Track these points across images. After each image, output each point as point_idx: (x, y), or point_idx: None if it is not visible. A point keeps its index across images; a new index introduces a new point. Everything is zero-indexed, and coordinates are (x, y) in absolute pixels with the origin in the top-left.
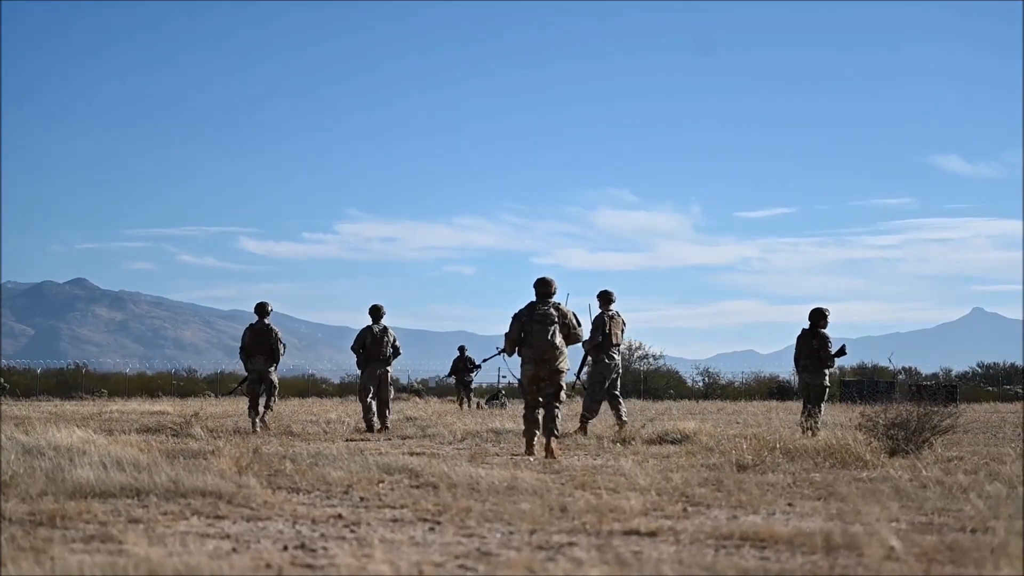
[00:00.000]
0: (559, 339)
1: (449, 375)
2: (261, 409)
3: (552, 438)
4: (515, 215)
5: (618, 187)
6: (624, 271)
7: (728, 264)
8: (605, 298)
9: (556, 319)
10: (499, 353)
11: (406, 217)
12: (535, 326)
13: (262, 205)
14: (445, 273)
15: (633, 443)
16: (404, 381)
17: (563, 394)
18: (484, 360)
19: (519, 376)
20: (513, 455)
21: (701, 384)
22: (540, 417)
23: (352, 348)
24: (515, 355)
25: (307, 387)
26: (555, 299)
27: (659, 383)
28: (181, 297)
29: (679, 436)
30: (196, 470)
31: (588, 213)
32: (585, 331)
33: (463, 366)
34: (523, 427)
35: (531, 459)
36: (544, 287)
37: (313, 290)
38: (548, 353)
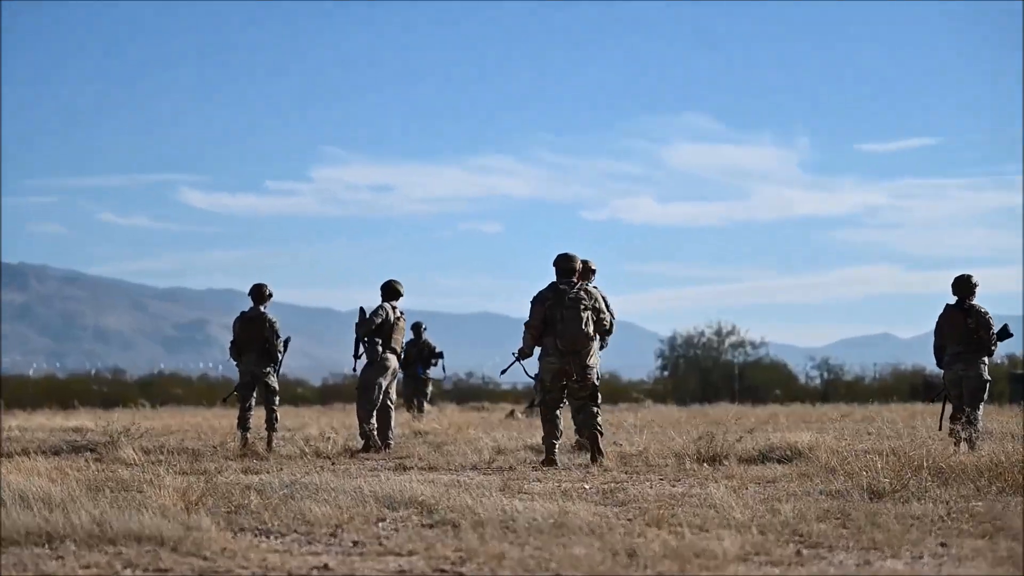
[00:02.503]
0: (591, 327)
1: (402, 367)
2: (252, 424)
3: (599, 437)
4: (555, 153)
5: (698, 112)
6: (706, 227)
7: (848, 215)
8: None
9: (588, 302)
10: (517, 360)
11: (405, 158)
12: (565, 311)
13: (211, 145)
14: (460, 233)
15: (726, 463)
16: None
17: (598, 396)
18: (502, 372)
19: (538, 372)
20: (561, 482)
21: (818, 381)
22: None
23: (359, 329)
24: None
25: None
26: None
27: (760, 380)
28: (103, 271)
29: (789, 453)
30: (128, 506)
31: (657, 149)
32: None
33: (418, 354)
34: (543, 430)
35: (555, 471)
36: (567, 263)
37: (280, 258)
38: (580, 344)
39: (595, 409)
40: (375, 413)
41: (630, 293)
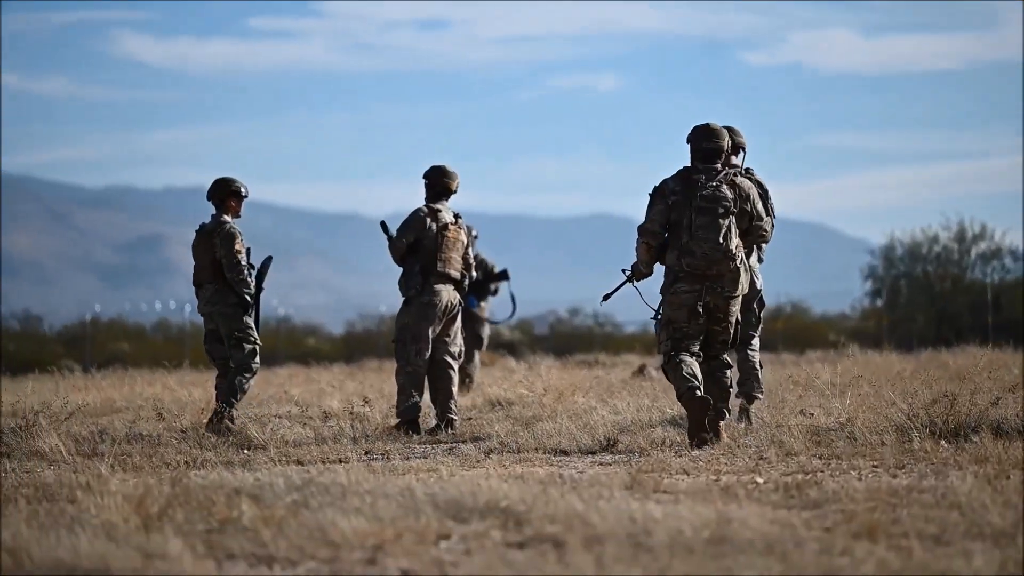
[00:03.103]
0: (735, 241)
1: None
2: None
3: (721, 420)
4: None
5: None
6: (936, 72)
7: None
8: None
9: (732, 203)
10: (628, 281)
11: None
12: (696, 215)
13: None
14: (555, 93)
15: (975, 440)
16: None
17: (756, 340)
18: (604, 297)
19: (659, 308)
20: (720, 473)
21: None
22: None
23: (393, 248)
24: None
25: (274, 343)
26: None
27: None
28: (3, 165)
29: None
30: (56, 525)
31: None
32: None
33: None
34: (679, 390)
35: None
36: (708, 140)
37: (274, 138)
38: (720, 265)
39: (727, 373)
40: (423, 375)
41: (818, 179)
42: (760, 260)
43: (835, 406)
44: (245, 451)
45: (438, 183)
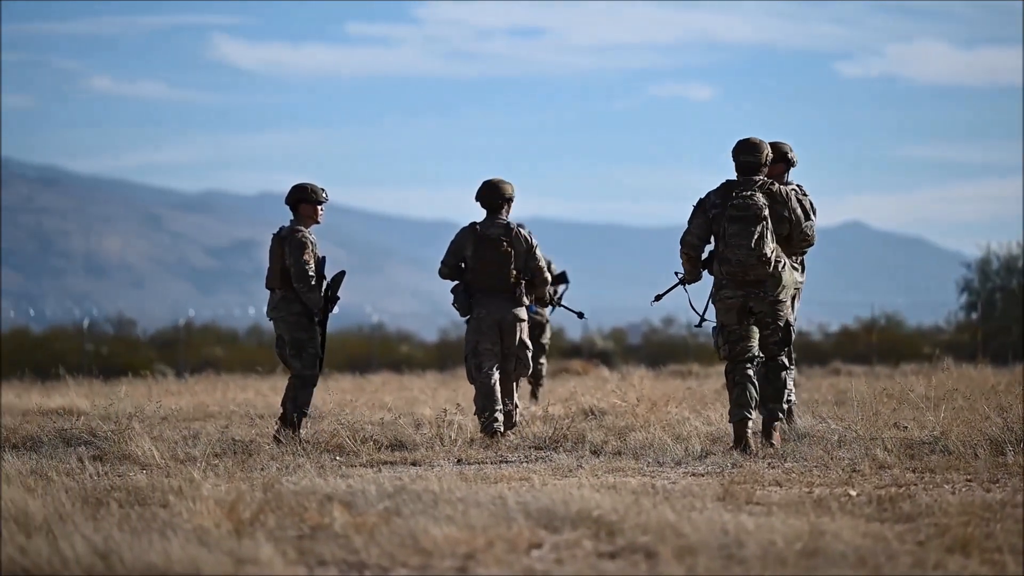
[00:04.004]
0: (770, 246)
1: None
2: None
3: (775, 421)
4: None
5: None
6: None
7: None
8: (783, 158)
9: (764, 210)
10: (681, 282)
11: None
12: (729, 224)
13: None
14: (649, 101)
15: None
16: (577, 332)
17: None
18: (657, 297)
19: (708, 312)
20: (814, 485)
21: None
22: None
23: (442, 272)
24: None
25: (366, 351)
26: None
27: None
28: (96, 167)
29: None
30: (148, 529)
31: None
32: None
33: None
34: (732, 402)
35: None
36: (748, 154)
37: (373, 141)
38: (756, 270)
39: (784, 374)
40: (492, 388)
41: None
42: (799, 267)
43: (929, 419)
44: (338, 458)
45: (484, 200)
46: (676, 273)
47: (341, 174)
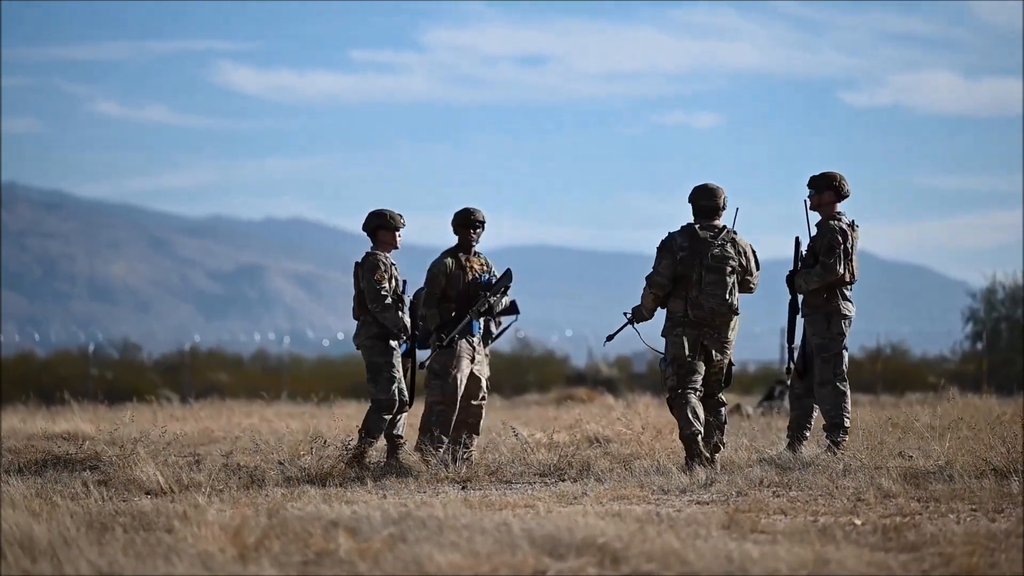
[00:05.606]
0: (737, 294)
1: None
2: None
3: (716, 453)
4: (803, 2)
5: None
6: None
7: None
8: (830, 187)
9: (736, 260)
10: (629, 323)
11: (568, 14)
12: (706, 272)
13: None
14: (654, 129)
15: None
16: (582, 359)
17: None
18: (608, 337)
19: (665, 349)
20: (819, 514)
21: None
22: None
23: (419, 314)
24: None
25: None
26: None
27: None
28: (101, 191)
29: None
30: (153, 554)
31: None
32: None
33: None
34: (682, 420)
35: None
36: (708, 199)
37: (378, 168)
38: (723, 318)
39: (724, 409)
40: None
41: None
42: None
43: (934, 449)
44: (342, 485)
45: (461, 223)
46: (625, 313)
47: (346, 200)
